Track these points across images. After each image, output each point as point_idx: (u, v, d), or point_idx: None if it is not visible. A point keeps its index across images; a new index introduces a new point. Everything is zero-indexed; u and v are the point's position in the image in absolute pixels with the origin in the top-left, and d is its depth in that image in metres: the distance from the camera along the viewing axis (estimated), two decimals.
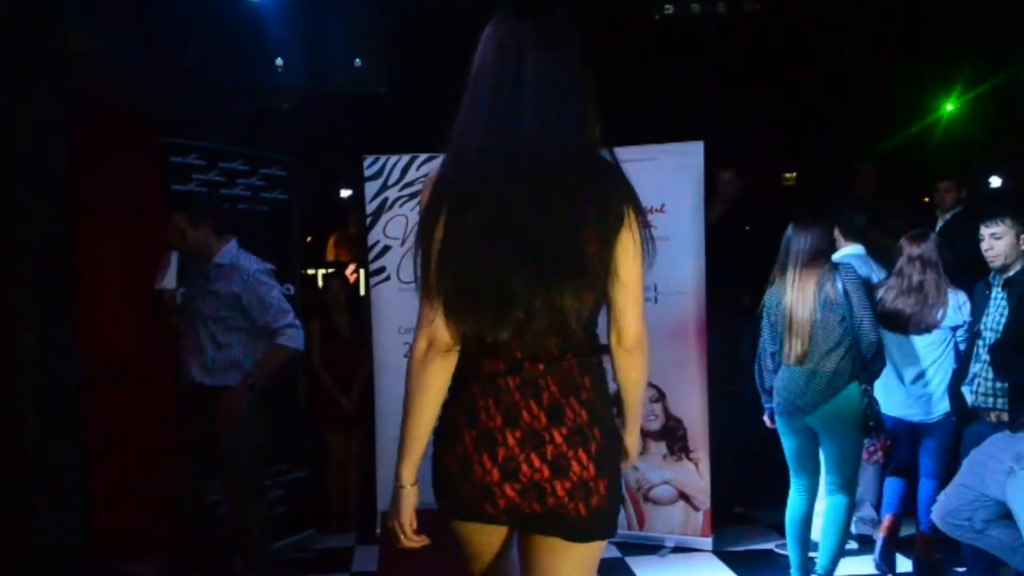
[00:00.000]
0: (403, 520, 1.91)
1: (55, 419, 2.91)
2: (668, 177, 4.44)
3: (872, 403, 3.70)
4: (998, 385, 3.59)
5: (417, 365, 1.76)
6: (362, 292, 5.79)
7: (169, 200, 4.12)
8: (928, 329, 3.98)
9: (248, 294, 3.57)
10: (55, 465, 2.90)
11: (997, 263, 3.70)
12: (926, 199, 5.50)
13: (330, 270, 6.12)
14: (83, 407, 3.18)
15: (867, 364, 3.67)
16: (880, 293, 4.04)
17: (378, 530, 4.71)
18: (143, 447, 3.92)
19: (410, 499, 1.91)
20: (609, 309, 1.77)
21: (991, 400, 3.63)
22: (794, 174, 6.98)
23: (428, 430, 1.83)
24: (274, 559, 4.38)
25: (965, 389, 3.74)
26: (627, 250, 1.71)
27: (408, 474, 1.88)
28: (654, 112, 5.57)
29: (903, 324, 3.99)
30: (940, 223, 5.30)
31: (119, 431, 3.96)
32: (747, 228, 5.50)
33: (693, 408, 4.41)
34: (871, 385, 3.75)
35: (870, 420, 3.67)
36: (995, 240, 3.68)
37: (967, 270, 4.11)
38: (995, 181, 6.68)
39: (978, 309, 3.85)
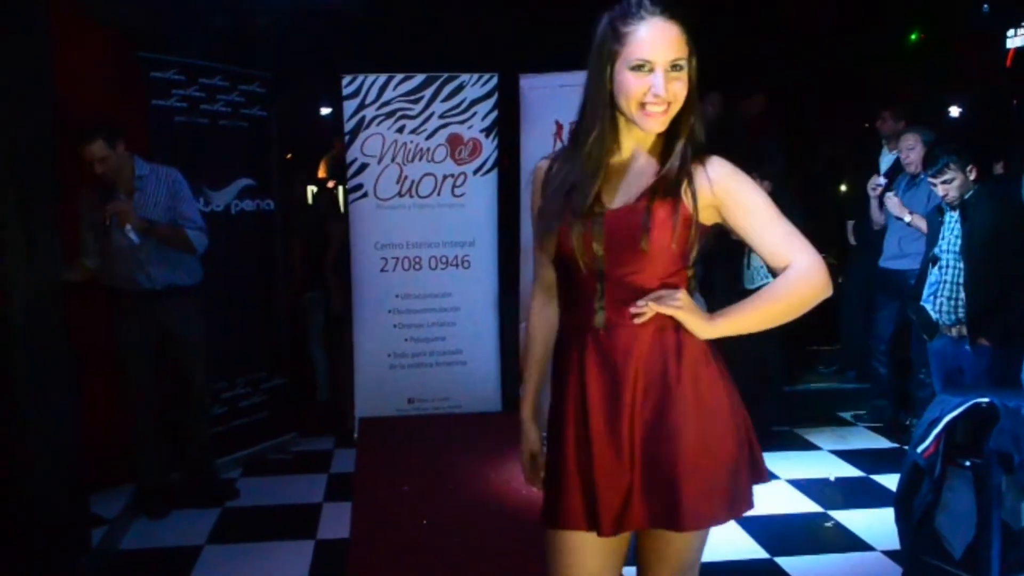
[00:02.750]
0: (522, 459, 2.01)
1: (44, 328, 3.03)
2: None
3: None
4: (959, 303, 3.89)
5: None
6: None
7: (150, 115, 4.22)
8: None
9: (179, 190, 3.91)
10: (45, 368, 3.02)
11: (955, 202, 3.92)
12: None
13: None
14: (67, 316, 3.32)
15: None
16: None
17: (355, 435, 4.97)
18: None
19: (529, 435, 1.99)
20: None
21: (951, 317, 3.92)
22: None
23: None
24: (256, 460, 4.65)
25: (927, 305, 4.01)
26: None
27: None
28: None
29: None
30: (886, 152, 5.49)
31: (98, 337, 4.14)
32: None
33: None
34: None
35: None
36: (947, 185, 3.88)
37: None
38: (954, 111, 6.82)
39: (932, 236, 4.08)
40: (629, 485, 1.70)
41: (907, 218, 4.66)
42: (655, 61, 1.64)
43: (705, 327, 1.73)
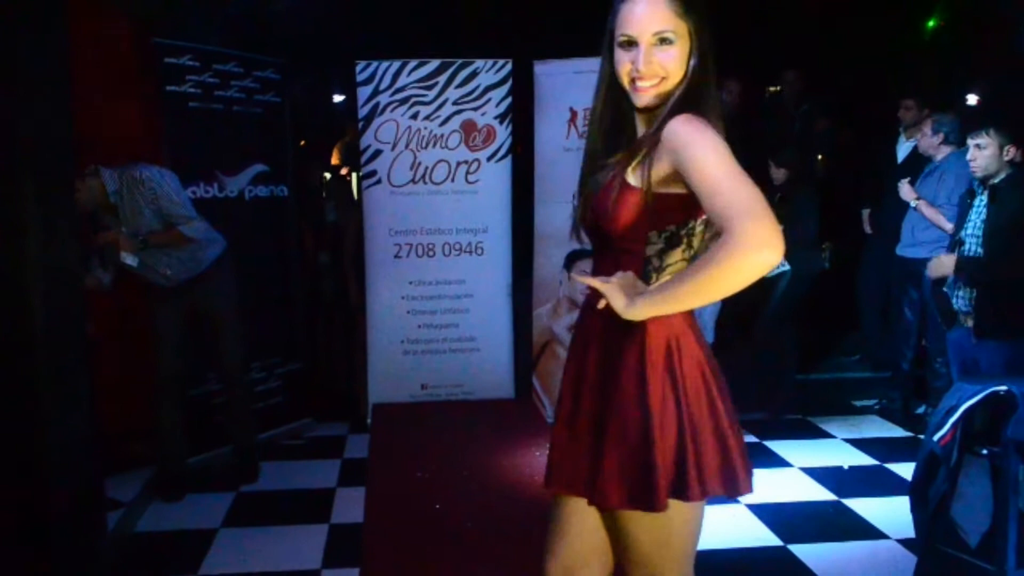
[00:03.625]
0: None
1: (60, 312, 3.04)
2: None
3: None
4: (973, 292, 3.82)
5: None
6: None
7: (164, 100, 4.23)
8: None
9: (155, 190, 3.71)
10: (62, 353, 3.04)
11: (979, 173, 3.85)
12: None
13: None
14: (84, 300, 3.35)
15: None
16: None
17: (368, 420, 4.98)
18: (137, 332, 4.14)
19: None
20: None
21: (968, 305, 3.86)
22: (778, 88, 6.99)
23: None
24: (270, 445, 4.67)
25: (948, 291, 3.97)
26: None
27: None
28: None
29: None
30: (903, 141, 5.45)
31: (115, 318, 4.18)
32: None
33: None
34: None
35: None
36: (979, 151, 3.82)
37: None
38: (972, 99, 6.72)
39: (960, 218, 4.04)
40: (578, 451, 1.78)
41: (913, 203, 4.74)
42: (638, 36, 1.66)
43: (627, 307, 1.62)
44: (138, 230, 3.73)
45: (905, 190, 4.78)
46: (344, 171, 6.35)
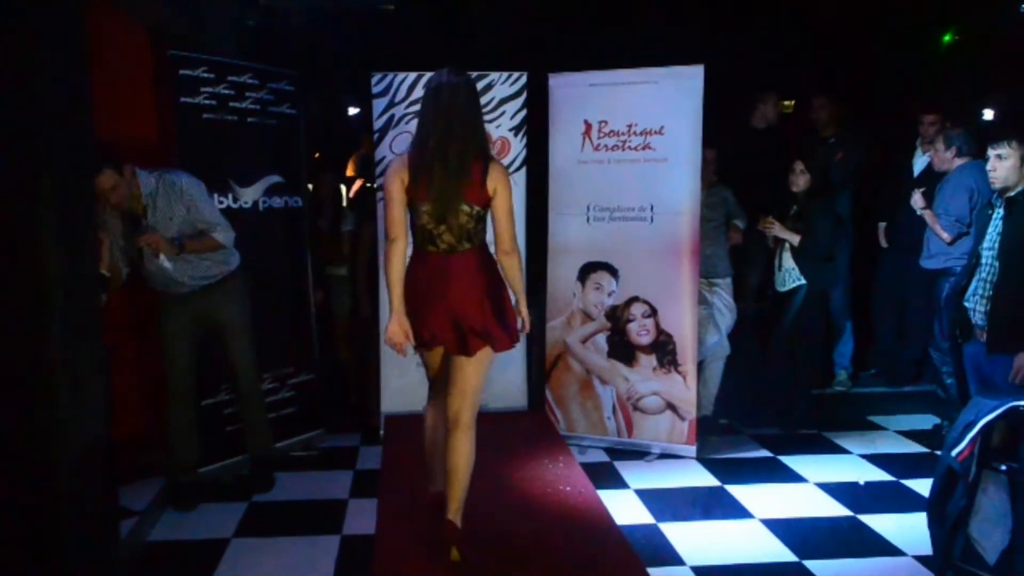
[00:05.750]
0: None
1: (77, 318, 3.05)
2: (668, 100, 4.55)
3: None
4: (988, 307, 3.78)
5: None
6: None
7: (179, 112, 4.25)
8: None
9: (192, 197, 3.82)
10: (78, 361, 3.05)
11: (998, 184, 3.83)
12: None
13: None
14: (100, 306, 3.37)
15: None
16: None
17: (381, 432, 4.98)
18: (153, 341, 4.15)
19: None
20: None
21: (984, 320, 3.82)
22: (792, 102, 6.95)
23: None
24: (282, 456, 4.67)
25: (968, 304, 3.93)
26: (500, 194, 3.03)
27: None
28: (655, 35, 5.61)
29: None
30: (920, 155, 5.42)
31: (131, 327, 4.19)
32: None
33: (683, 324, 4.61)
34: None
35: None
36: (999, 161, 3.80)
37: None
38: (988, 114, 6.68)
39: (980, 231, 4.01)
40: None
41: (920, 210, 4.82)
42: None
43: None
44: (165, 233, 3.79)
45: (916, 198, 4.82)
46: (359, 183, 6.36)
